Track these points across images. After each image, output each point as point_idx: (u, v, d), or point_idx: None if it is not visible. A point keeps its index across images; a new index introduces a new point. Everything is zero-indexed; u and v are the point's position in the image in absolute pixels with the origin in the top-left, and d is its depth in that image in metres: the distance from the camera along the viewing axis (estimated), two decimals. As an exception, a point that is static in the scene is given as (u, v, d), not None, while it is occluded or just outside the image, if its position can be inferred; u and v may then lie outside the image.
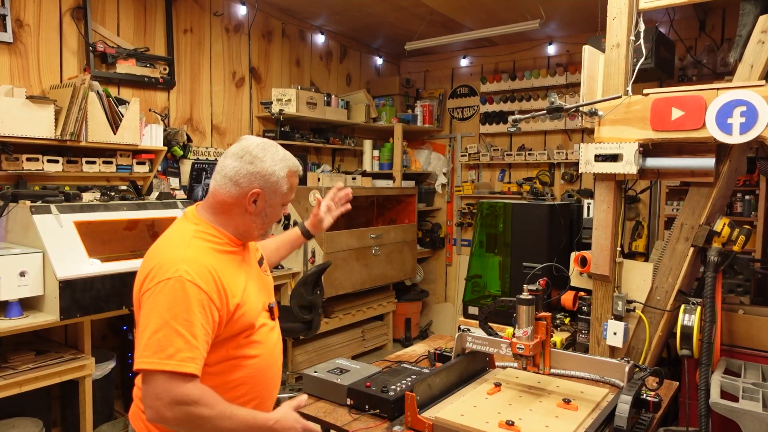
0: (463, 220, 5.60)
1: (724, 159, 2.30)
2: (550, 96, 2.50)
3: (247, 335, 1.44)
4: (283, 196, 1.49)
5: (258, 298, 1.51)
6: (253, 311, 1.45)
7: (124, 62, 3.56)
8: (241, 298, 1.41)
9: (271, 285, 1.66)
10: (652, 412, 1.60)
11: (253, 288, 1.50)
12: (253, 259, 1.59)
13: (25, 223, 2.71)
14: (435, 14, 4.45)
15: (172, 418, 1.25)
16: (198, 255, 1.38)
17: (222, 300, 1.35)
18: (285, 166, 1.49)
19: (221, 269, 1.39)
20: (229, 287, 1.39)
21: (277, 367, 1.59)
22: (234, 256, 1.48)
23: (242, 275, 1.47)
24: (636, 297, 2.50)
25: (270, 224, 1.52)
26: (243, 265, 1.51)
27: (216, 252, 1.42)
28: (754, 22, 2.28)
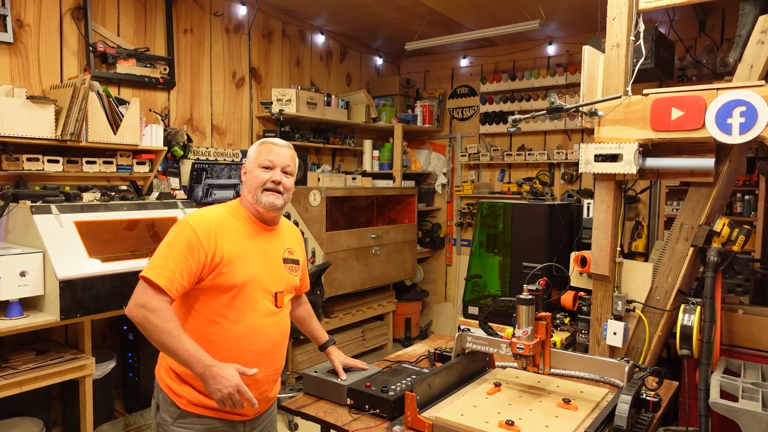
0: (463, 220, 5.60)
1: (723, 159, 2.31)
2: (550, 96, 2.51)
3: (232, 296, 1.65)
4: (254, 159, 1.77)
5: (260, 274, 1.71)
6: (240, 275, 1.65)
7: (124, 62, 3.56)
8: (230, 258, 1.64)
9: (289, 281, 1.84)
10: (652, 412, 1.60)
11: (255, 262, 1.71)
12: (275, 248, 1.81)
13: (26, 223, 2.72)
14: (435, 14, 4.45)
15: (133, 316, 1.55)
16: (210, 213, 1.72)
17: (210, 246, 1.62)
18: (258, 142, 1.83)
19: (224, 228, 1.68)
20: (223, 242, 1.65)
21: (266, 350, 1.72)
22: (247, 228, 1.74)
23: (247, 246, 1.71)
24: (636, 297, 2.51)
25: (255, 186, 1.74)
26: (255, 242, 1.74)
27: (229, 216, 1.74)
28: (753, 22, 2.28)
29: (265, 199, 1.73)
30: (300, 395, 1.84)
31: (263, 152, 1.77)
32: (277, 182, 1.74)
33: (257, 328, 1.70)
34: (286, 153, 1.80)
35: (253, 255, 1.72)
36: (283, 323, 1.81)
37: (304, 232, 4.22)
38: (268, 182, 1.73)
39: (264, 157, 1.76)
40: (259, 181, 1.73)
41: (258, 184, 1.73)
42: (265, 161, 1.76)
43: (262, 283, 1.72)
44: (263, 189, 1.73)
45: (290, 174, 1.81)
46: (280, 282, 1.78)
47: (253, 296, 1.70)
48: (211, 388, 1.49)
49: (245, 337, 1.67)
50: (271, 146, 1.78)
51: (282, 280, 1.80)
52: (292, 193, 1.84)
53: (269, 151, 1.77)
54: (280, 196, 1.76)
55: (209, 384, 1.49)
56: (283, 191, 1.77)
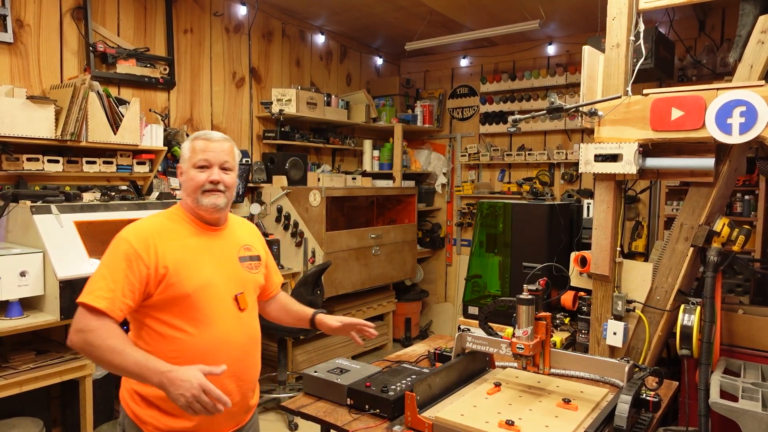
0: (463, 220, 5.60)
1: (723, 159, 2.31)
2: (550, 96, 2.51)
3: (188, 306, 1.54)
4: (188, 159, 1.63)
5: (214, 277, 1.60)
6: (192, 282, 1.54)
7: (124, 62, 3.56)
8: (176, 266, 1.53)
9: (250, 279, 1.72)
10: (652, 412, 1.60)
11: (205, 266, 1.59)
12: (228, 247, 1.69)
13: (26, 223, 2.72)
14: (435, 14, 4.45)
15: (74, 344, 1.43)
16: (146, 222, 1.61)
17: (150, 258, 1.50)
18: (190, 138, 1.67)
19: (164, 235, 1.56)
20: (164, 251, 1.53)
21: (236, 358, 1.60)
22: (190, 230, 1.63)
23: (194, 249, 1.60)
24: (636, 297, 2.50)
25: (192, 189, 1.61)
26: (203, 244, 1.63)
27: (169, 222, 1.62)
28: (753, 22, 2.28)
29: (206, 201, 1.60)
30: (300, 395, 1.84)
31: (197, 150, 1.62)
32: (216, 182, 1.61)
33: (222, 337, 1.58)
34: (223, 147, 1.65)
35: (203, 258, 1.60)
36: (251, 327, 1.69)
37: (304, 232, 4.22)
38: (206, 183, 1.60)
39: (198, 156, 1.62)
40: (196, 183, 1.60)
41: (195, 187, 1.60)
42: (200, 161, 1.61)
43: (218, 287, 1.60)
44: (202, 191, 1.60)
45: (230, 170, 1.66)
46: (239, 282, 1.67)
47: (211, 302, 1.58)
48: (173, 395, 1.32)
49: (210, 349, 1.55)
50: (205, 142, 1.63)
51: (241, 280, 1.68)
52: (235, 190, 1.71)
53: (203, 149, 1.62)
54: (222, 195, 1.63)
55: (170, 391, 1.33)
56: (225, 189, 1.64)
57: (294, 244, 4.25)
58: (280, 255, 4.25)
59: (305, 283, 3.64)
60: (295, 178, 4.40)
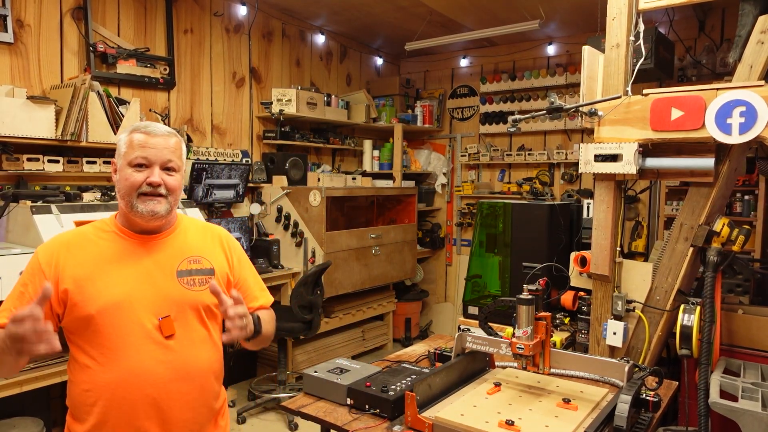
0: (463, 220, 5.60)
1: (723, 159, 2.31)
2: (550, 96, 2.51)
3: (93, 331, 1.32)
4: (123, 156, 1.38)
5: (130, 295, 1.35)
6: (96, 301, 1.32)
7: (124, 62, 3.56)
8: (78, 283, 1.33)
9: (184, 300, 1.41)
10: (652, 412, 1.60)
11: (119, 282, 1.35)
12: (163, 259, 1.42)
13: (26, 223, 2.72)
14: (435, 14, 4.46)
15: None
16: (69, 233, 1.45)
17: (51, 272, 1.34)
18: (128, 130, 1.41)
19: (75, 248, 1.38)
20: (67, 265, 1.35)
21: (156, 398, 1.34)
22: (111, 244, 1.40)
23: (108, 263, 1.37)
24: (635, 297, 2.51)
25: (126, 191, 1.37)
26: (124, 257, 1.39)
27: (91, 233, 1.42)
28: (753, 22, 2.28)
29: (142, 207, 1.35)
30: (300, 395, 1.84)
31: (134, 145, 1.36)
32: (156, 184, 1.35)
33: (135, 369, 1.32)
34: (167, 143, 1.39)
35: (118, 273, 1.36)
36: (183, 358, 1.37)
37: (303, 231, 4.22)
38: (143, 185, 1.35)
39: (136, 153, 1.36)
40: (131, 184, 1.35)
41: (130, 189, 1.35)
42: (137, 158, 1.36)
43: (133, 308, 1.34)
44: (138, 194, 1.35)
45: (174, 170, 1.40)
46: (167, 303, 1.38)
47: (121, 327, 1.32)
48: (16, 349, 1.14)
49: (121, 383, 1.31)
50: (145, 137, 1.37)
51: (172, 300, 1.39)
52: (180, 194, 1.43)
53: (142, 144, 1.36)
54: (163, 201, 1.37)
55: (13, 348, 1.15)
56: (167, 193, 1.38)
57: (294, 244, 4.25)
58: (280, 255, 4.25)
59: (305, 283, 3.64)
60: (295, 178, 4.40)
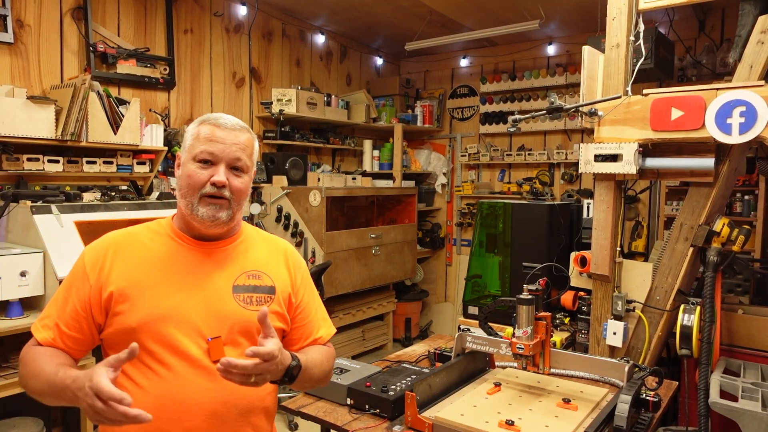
0: (463, 220, 5.60)
1: (723, 159, 2.31)
2: (550, 96, 2.51)
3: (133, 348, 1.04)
4: (189, 149, 1.22)
5: (179, 309, 1.16)
6: (140, 314, 1.14)
7: (124, 62, 3.56)
8: (124, 290, 1.15)
9: (236, 320, 1.22)
10: (652, 412, 1.60)
11: (169, 292, 1.17)
12: (220, 271, 1.24)
13: (26, 223, 2.72)
14: (435, 14, 4.46)
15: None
16: (121, 231, 1.28)
17: (94, 275, 1.17)
18: (197, 121, 1.26)
19: (126, 249, 1.21)
20: (114, 269, 1.17)
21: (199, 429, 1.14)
22: (164, 248, 1.23)
23: (160, 270, 1.19)
24: (635, 297, 2.51)
25: (187, 189, 1.20)
26: (177, 264, 1.21)
27: (144, 234, 1.26)
28: (753, 22, 2.28)
29: (202, 212, 1.18)
30: (300, 395, 1.84)
31: (200, 138, 1.20)
32: (221, 184, 1.18)
33: (175, 397, 1.13)
34: (236, 139, 1.22)
35: (168, 282, 1.18)
36: (228, 389, 1.15)
37: (304, 231, 4.22)
38: (207, 185, 1.18)
39: (201, 146, 1.19)
40: (195, 182, 1.18)
41: (192, 187, 1.19)
42: (203, 152, 1.19)
43: (182, 324, 1.15)
44: (200, 195, 1.18)
45: (243, 171, 1.23)
46: (219, 321, 1.19)
47: (167, 345, 1.13)
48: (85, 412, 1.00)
49: (163, 411, 1.11)
50: (212, 129, 1.20)
51: (225, 319, 1.19)
52: (245, 199, 1.25)
53: (209, 137, 1.19)
54: (226, 204, 1.20)
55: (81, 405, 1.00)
56: (231, 197, 1.20)
57: (294, 244, 4.25)
58: (280, 255, 4.24)
59: (305, 283, 3.64)
60: (295, 178, 4.41)
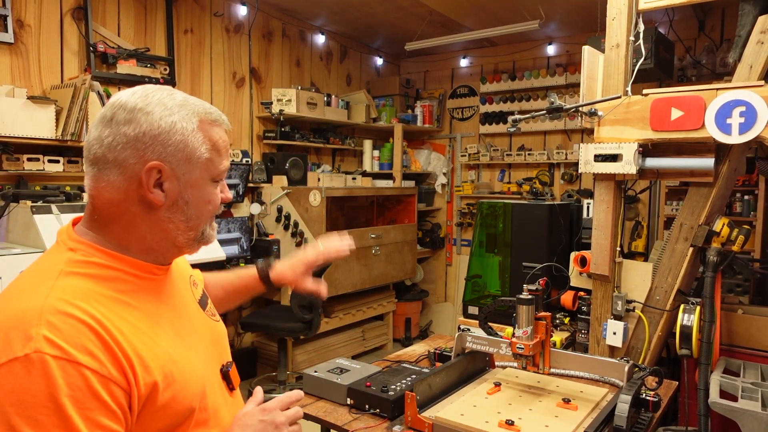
0: (463, 220, 5.60)
1: (723, 159, 2.31)
2: (550, 96, 2.51)
3: (188, 426, 0.89)
4: (205, 164, 0.92)
5: (203, 359, 0.97)
6: (193, 386, 0.90)
7: (124, 62, 3.56)
8: (166, 371, 0.86)
9: (223, 335, 1.10)
10: (652, 412, 1.60)
11: (190, 345, 0.95)
12: (184, 295, 1.03)
13: (26, 223, 2.72)
14: (435, 14, 4.46)
15: None
16: (70, 302, 0.81)
17: (125, 373, 0.80)
18: (190, 113, 0.91)
19: (122, 323, 0.84)
20: (140, 353, 0.83)
21: None
22: (147, 296, 0.92)
23: (165, 325, 0.92)
24: (635, 297, 2.51)
25: (204, 218, 0.95)
26: (166, 307, 0.95)
27: (111, 294, 0.86)
28: (753, 22, 2.28)
29: (209, 234, 0.98)
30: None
31: (219, 149, 0.94)
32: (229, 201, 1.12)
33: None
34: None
35: (175, 333, 0.93)
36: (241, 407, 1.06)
37: (304, 232, 4.22)
38: (219, 207, 1.00)
39: (223, 162, 0.96)
40: (214, 209, 0.97)
41: (211, 215, 0.97)
42: (226, 168, 0.97)
43: (209, 370, 0.99)
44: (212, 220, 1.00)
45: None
46: (219, 347, 1.07)
47: (213, 402, 0.96)
48: None
49: None
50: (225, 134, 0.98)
51: (220, 343, 1.08)
52: None
53: (226, 143, 0.97)
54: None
55: None
56: None
57: (294, 244, 4.25)
58: (280, 255, 4.25)
59: (305, 283, 3.63)
60: (295, 178, 4.41)
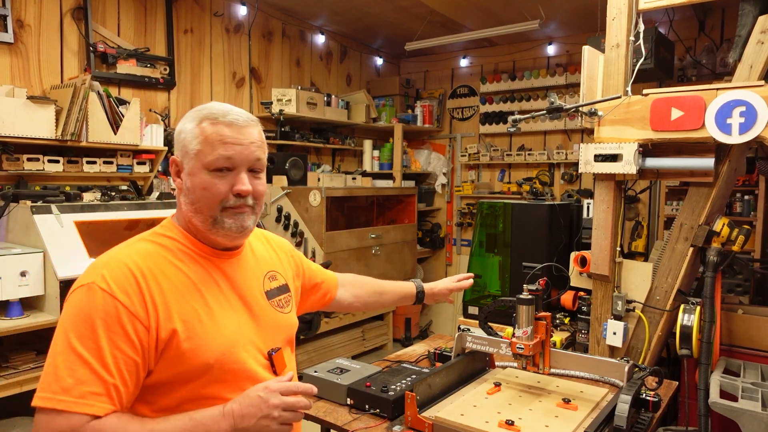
0: (463, 220, 5.60)
1: (723, 159, 2.31)
2: (550, 96, 2.51)
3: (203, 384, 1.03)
4: (197, 155, 1.05)
5: (241, 332, 1.10)
6: (214, 346, 1.04)
7: (124, 62, 3.56)
8: (187, 323, 1.03)
9: (283, 327, 1.21)
10: (652, 412, 1.60)
11: (228, 315, 1.10)
12: (249, 281, 1.18)
13: (26, 223, 2.72)
14: (435, 14, 4.46)
15: None
16: (131, 257, 1.04)
17: (151, 314, 0.99)
18: (197, 116, 1.07)
19: (163, 275, 1.04)
20: (167, 299, 1.02)
21: None
22: (196, 265, 1.10)
23: (209, 292, 1.09)
24: (635, 297, 2.51)
25: (205, 202, 1.07)
26: (218, 281, 1.11)
27: (164, 253, 1.08)
28: (753, 22, 2.28)
29: (229, 224, 1.08)
30: (300, 395, 1.84)
31: (212, 142, 1.05)
32: (246, 193, 1.08)
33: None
34: (252, 136, 1.09)
35: (219, 304, 1.09)
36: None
37: (304, 232, 4.22)
38: (230, 196, 1.07)
39: (218, 152, 1.05)
40: (214, 194, 1.06)
41: (211, 201, 1.07)
42: (220, 159, 1.05)
43: (248, 345, 1.10)
44: (222, 207, 1.07)
45: (261, 171, 1.12)
46: (272, 332, 1.16)
47: (237, 371, 1.07)
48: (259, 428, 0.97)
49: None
50: (227, 130, 1.06)
51: (274, 330, 1.18)
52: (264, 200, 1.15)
53: (224, 139, 1.05)
54: (250, 211, 1.11)
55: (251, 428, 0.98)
56: (253, 203, 1.11)
57: (294, 244, 4.25)
58: (280, 255, 4.25)
59: (305, 283, 3.64)
60: (295, 178, 4.41)
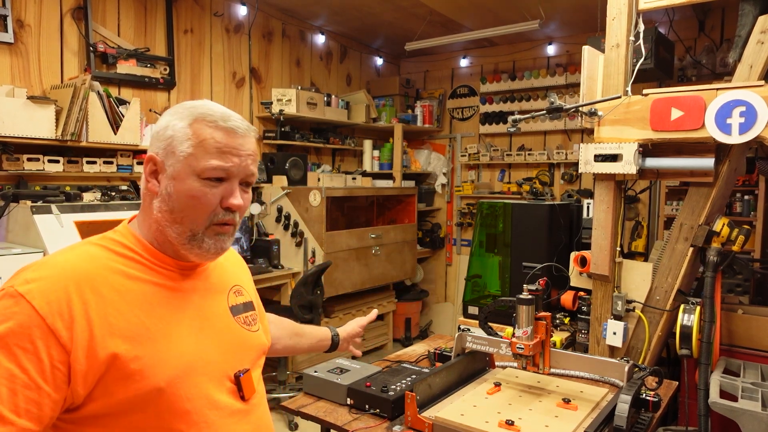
0: (463, 220, 5.60)
1: (723, 159, 2.31)
2: (550, 96, 2.51)
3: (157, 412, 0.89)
4: (187, 159, 0.92)
5: (202, 352, 0.97)
6: (167, 368, 0.90)
7: (124, 62, 3.56)
8: (134, 342, 0.87)
9: (251, 346, 1.08)
10: (652, 412, 1.60)
11: (186, 334, 0.95)
12: (214, 296, 1.05)
13: (26, 223, 2.72)
14: (435, 14, 4.46)
15: None
16: (70, 261, 0.90)
17: (76, 333, 0.82)
18: (188, 113, 0.94)
19: (105, 289, 0.88)
20: (107, 318, 0.86)
21: None
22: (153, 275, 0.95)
23: (164, 307, 0.94)
24: (635, 297, 2.51)
25: (188, 213, 0.93)
26: (177, 296, 0.98)
27: (118, 267, 0.93)
28: (753, 22, 2.28)
29: (209, 244, 0.96)
30: (300, 395, 1.84)
31: (207, 147, 0.92)
32: (237, 208, 0.96)
33: None
34: (251, 146, 0.98)
35: (177, 322, 0.95)
36: (264, 423, 1.06)
37: (304, 232, 4.22)
38: (219, 210, 0.95)
39: (211, 160, 0.92)
40: (203, 205, 0.93)
41: (198, 212, 0.94)
42: (217, 170, 0.93)
43: (209, 368, 0.97)
44: (209, 224, 0.95)
45: (251, 185, 1.01)
46: (238, 353, 1.03)
47: (197, 397, 0.93)
48: None
49: None
50: (225, 137, 0.94)
51: (241, 349, 1.04)
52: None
53: (222, 147, 0.93)
54: (231, 231, 0.99)
55: None
56: (238, 219, 0.99)
57: (294, 244, 4.25)
58: (280, 255, 4.25)
59: (305, 283, 3.64)
60: (295, 178, 4.41)
